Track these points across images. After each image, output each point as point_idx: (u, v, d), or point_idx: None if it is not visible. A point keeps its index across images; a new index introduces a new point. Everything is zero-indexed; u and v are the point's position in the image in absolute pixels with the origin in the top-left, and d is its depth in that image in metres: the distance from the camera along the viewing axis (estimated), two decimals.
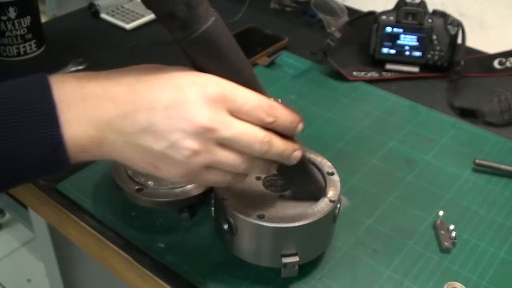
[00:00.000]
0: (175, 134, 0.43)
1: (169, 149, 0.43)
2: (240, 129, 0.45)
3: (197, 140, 0.43)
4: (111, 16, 1.05)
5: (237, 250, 0.56)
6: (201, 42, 0.46)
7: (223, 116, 0.44)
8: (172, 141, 0.43)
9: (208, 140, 0.44)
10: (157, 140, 0.43)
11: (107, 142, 0.44)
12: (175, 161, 0.44)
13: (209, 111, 0.43)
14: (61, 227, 0.69)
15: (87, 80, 0.44)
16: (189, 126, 0.43)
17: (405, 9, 0.90)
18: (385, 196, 0.69)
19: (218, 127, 0.44)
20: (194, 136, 0.43)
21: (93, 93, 0.43)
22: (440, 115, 0.84)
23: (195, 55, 0.47)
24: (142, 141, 0.43)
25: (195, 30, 0.45)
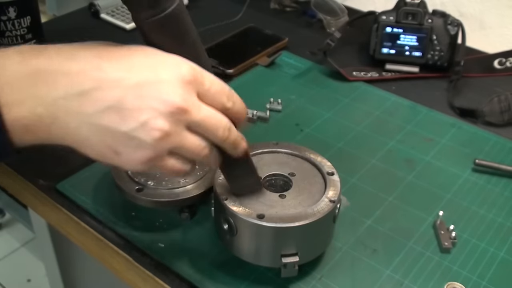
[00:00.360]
0: (146, 113, 0.40)
1: (136, 130, 0.40)
2: (208, 113, 0.43)
3: (168, 121, 0.41)
4: (111, 16, 1.05)
5: (237, 250, 0.56)
6: (170, 20, 0.44)
7: (194, 99, 0.42)
8: (142, 121, 0.40)
9: (179, 121, 0.41)
10: (123, 120, 0.40)
11: (58, 122, 0.39)
12: (141, 143, 0.41)
13: (182, 92, 0.41)
14: (61, 227, 0.69)
15: (34, 55, 0.39)
16: (163, 105, 0.40)
17: (405, 9, 0.90)
18: (385, 196, 0.69)
19: (191, 109, 0.42)
20: (166, 117, 0.41)
21: (42, 69, 0.39)
22: (440, 115, 0.84)
23: (158, 35, 0.45)
24: (105, 121, 0.40)
25: (165, 8, 0.43)
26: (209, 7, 1.05)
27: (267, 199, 0.56)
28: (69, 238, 0.69)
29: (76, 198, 0.66)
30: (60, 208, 0.66)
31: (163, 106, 0.40)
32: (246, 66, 0.93)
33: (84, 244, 0.67)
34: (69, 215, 0.66)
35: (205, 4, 1.11)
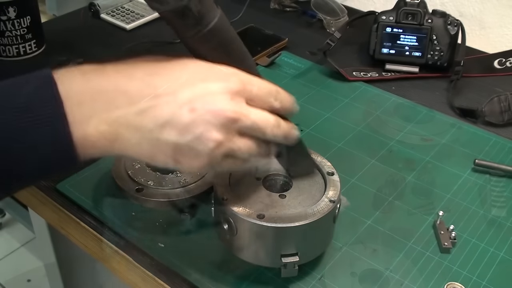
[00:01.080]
0: (200, 126, 0.43)
1: (193, 141, 0.43)
2: (256, 116, 0.46)
3: (221, 131, 0.44)
4: (111, 16, 1.05)
5: (237, 250, 0.56)
6: (214, 34, 0.46)
7: (243, 106, 0.45)
8: (197, 134, 0.43)
9: (230, 130, 0.44)
10: (181, 133, 0.43)
11: (122, 138, 0.43)
12: (198, 153, 0.44)
13: (232, 102, 0.44)
14: (61, 227, 0.69)
15: (96, 75, 0.43)
16: (215, 118, 0.43)
17: (405, 9, 0.90)
18: (385, 196, 0.69)
19: (240, 117, 0.44)
20: (218, 128, 0.44)
21: (103, 89, 0.43)
22: (440, 115, 0.84)
23: (204, 48, 0.47)
24: (164, 135, 0.43)
25: (208, 23, 0.45)
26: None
27: (267, 199, 0.56)
28: (69, 238, 0.69)
29: (76, 198, 0.66)
30: (60, 208, 0.66)
31: (215, 118, 0.43)
32: None
33: (84, 244, 0.67)
34: (69, 215, 0.66)
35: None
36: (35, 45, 0.94)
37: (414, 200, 0.68)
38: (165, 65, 0.46)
